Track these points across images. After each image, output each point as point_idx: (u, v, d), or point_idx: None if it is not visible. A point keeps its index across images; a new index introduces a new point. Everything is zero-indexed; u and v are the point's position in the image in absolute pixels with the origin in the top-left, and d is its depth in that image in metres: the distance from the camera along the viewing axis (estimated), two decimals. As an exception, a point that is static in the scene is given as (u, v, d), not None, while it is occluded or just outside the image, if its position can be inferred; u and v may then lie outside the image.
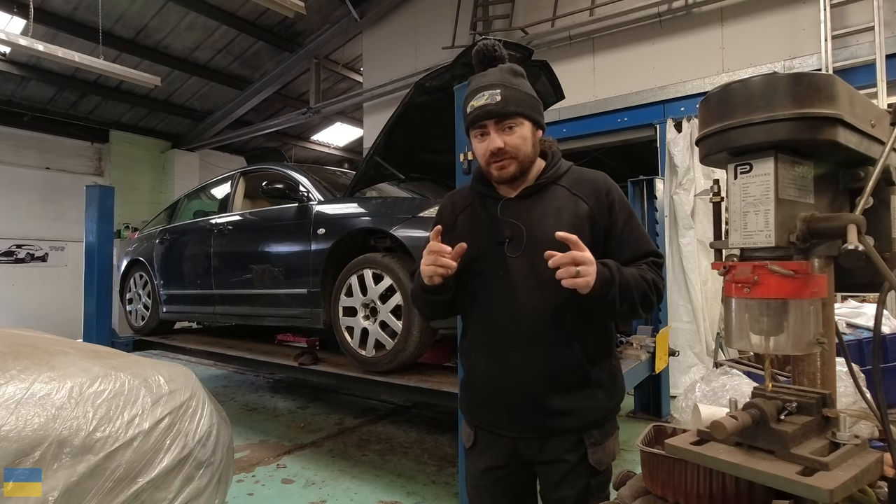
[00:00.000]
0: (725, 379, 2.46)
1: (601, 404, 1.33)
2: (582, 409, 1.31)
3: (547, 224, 1.29)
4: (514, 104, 1.27)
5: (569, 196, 1.33)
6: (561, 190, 1.34)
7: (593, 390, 1.32)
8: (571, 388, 1.30)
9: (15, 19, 6.27)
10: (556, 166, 1.37)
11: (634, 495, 0.99)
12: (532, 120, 1.31)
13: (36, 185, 8.92)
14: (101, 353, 2.05)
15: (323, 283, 3.21)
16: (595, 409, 1.32)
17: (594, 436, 1.31)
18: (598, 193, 1.33)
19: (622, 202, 1.35)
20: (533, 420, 1.32)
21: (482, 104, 1.27)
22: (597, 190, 1.34)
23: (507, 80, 1.29)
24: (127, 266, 5.23)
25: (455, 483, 2.94)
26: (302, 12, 4.78)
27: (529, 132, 1.30)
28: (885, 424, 0.77)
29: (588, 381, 1.31)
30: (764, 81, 0.83)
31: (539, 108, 1.35)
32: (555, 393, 1.29)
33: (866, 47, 4.13)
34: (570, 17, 5.46)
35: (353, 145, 11.36)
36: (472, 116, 1.30)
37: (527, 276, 1.29)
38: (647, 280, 1.27)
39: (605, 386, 1.34)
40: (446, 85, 2.64)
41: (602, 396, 1.33)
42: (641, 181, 4.28)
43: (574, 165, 1.41)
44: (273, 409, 4.75)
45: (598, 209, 1.32)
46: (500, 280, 1.32)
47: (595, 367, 1.32)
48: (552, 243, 1.20)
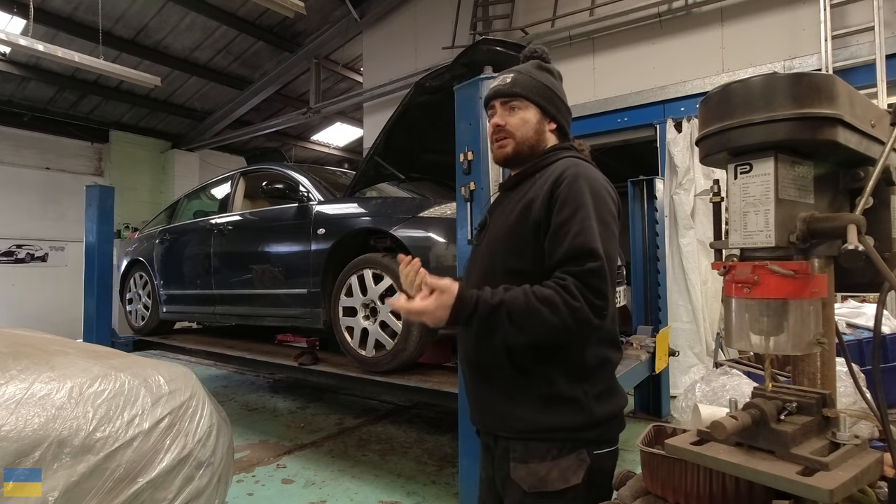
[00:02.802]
0: (725, 379, 2.46)
1: (525, 415, 1.20)
2: (499, 411, 1.25)
3: (503, 216, 1.31)
4: (521, 87, 1.31)
5: (532, 188, 1.26)
6: (534, 181, 1.28)
7: (516, 395, 1.22)
8: (490, 384, 1.26)
9: (15, 19, 6.26)
10: (544, 157, 1.31)
11: (634, 495, 0.99)
12: (539, 106, 1.32)
13: (36, 185, 8.92)
14: (101, 353, 2.05)
15: (323, 283, 3.21)
16: (513, 418, 1.22)
17: (516, 449, 1.21)
18: (549, 183, 1.22)
19: (571, 194, 1.17)
20: (473, 411, 1.37)
21: (494, 85, 1.35)
22: (549, 179, 1.23)
23: (525, 69, 1.34)
24: (127, 266, 5.23)
25: (455, 483, 2.94)
26: (302, 12, 4.77)
27: (534, 117, 1.31)
28: (885, 424, 0.77)
29: (508, 383, 1.22)
30: (764, 81, 0.84)
31: (553, 100, 1.34)
32: (479, 384, 1.31)
33: (866, 47, 4.13)
34: (570, 17, 5.46)
35: (353, 145, 11.35)
36: (485, 98, 1.38)
37: (478, 265, 1.34)
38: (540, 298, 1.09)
39: (541, 399, 1.20)
40: (446, 85, 2.64)
41: (531, 407, 1.20)
42: (641, 181, 4.27)
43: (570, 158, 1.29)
44: (273, 409, 4.75)
45: (540, 200, 1.21)
46: (467, 269, 1.41)
47: (528, 374, 1.21)
48: (501, 236, 1.27)
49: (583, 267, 1.10)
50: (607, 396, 1.23)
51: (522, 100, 1.31)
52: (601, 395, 1.22)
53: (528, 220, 1.21)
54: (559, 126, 1.36)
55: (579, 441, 1.19)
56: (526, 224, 1.22)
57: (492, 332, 1.12)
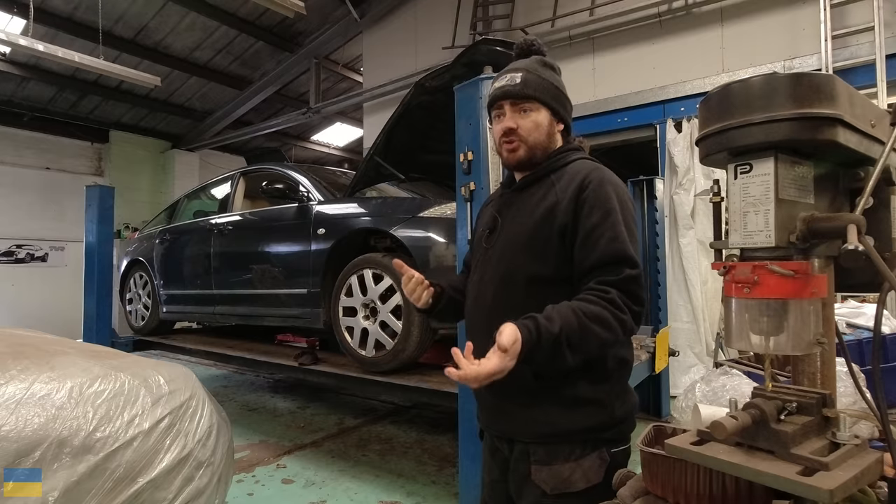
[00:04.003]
0: (725, 379, 2.46)
1: (547, 418, 1.19)
2: (517, 415, 1.23)
3: (519, 219, 1.27)
4: (533, 88, 1.25)
5: (552, 190, 1.23)
6: (550, 184, 1.25)
7: (536, 398, 1.20)
8: (508, 392, 1.20)
9: (15, 19, 6.27)
10: (556, 158, 1.28)
11: (634, 495, 0.99)
12: (551, 108, 1.27)
13: (36, 185, 8.92)
14: (101, 353, 2.05)
15: (323, 283, 3.21)
16: (534, 422, 1.20)
17: (537, 452, 1.20)
18: (573, 187, 1.19)
19: (599, 200, 1.16)
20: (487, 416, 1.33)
21: (501, 85, 1.27)
22: (573, 183, 1.20)
23: (532, 67, 1.28)
24: (127, 266, 5.23)
25: (455, 483, 2.94)
26: (302, 12, 4.77)
27: (546, 120, 1.27)
28: (885, 424, 0.77)
29: (527, 388, 1.19)
30: (764, 81, 0.83)
31: (562, 100, 1.30)
32: (494, 392, 1.23)
33: (866, 47, 4.13)
34: (570, 17, 5.46)
35: (353, 145, 11.36)
36: (491, 97, 1.29)
37: (492, 269, 1.29)
38: (591, 317, 1.07)
39: (563, 401, 1.19)
40: (446, 85, 2.64)
41: (553, 410, 1.19)
42: (641, 181, 4.28)
43: (585, 160, 1.28)
44: (273, 409, 4.75)
45: (565, 204, 1.18)
46: (476, 271, 1.35)
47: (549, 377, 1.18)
48: (521, 240, 1.23)
49: (621, 275, 1.11)
50: (625, 396, 1.25)
51: (534, 102, 1.25)
52: (620, 395, 1.23)
53: (553, 224, 1.18)
54: (566, 126, 1.33)
55: (600, 441, 1.19)
56: (549, 228, 1.19)
57: (551, 361, 1.07)
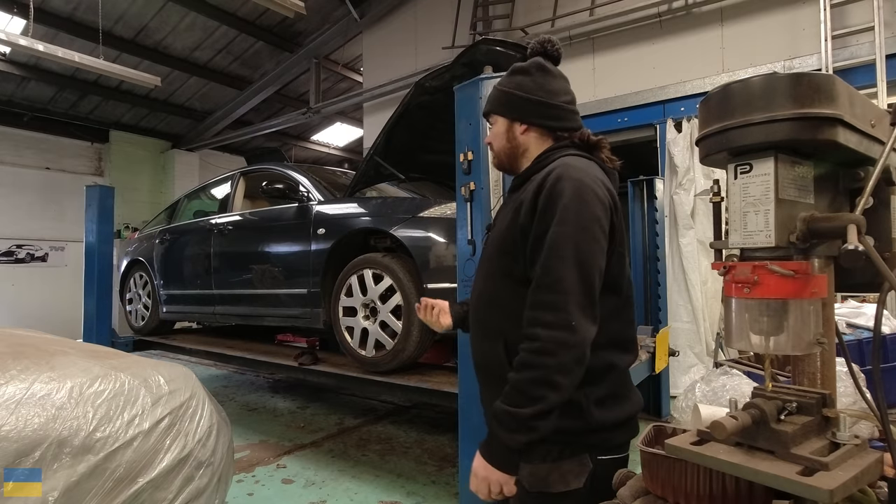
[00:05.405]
0: (725, 379, 2.46)
1: None
2: None
3: (499, 220, 1.35)
4: (489, 103, 1.39)
5: (525, 192, 1.23)
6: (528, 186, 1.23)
7: None
8: (494, 385, 1.21)
9: (15, 19, 6.27)
10: (541, 159, 1.28)
11: (634, 495, 0.99)
12: (504, 115, 1.34)
13: (36, 185, 8.92)
14: (101, 353, 2.04)
15: (323, 283, 3.21)
16: None
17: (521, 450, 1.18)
18: (533, 187, 1.19)
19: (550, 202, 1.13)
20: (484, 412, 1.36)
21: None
22: (534, 183, 1.20)
23: (500, 81, 1.38)
24: (127, 266, 5.23)
25: (455, 483, 2.94)
26: (302, 12, 4.78)
27: (503, 128, 1.34)
28: (885, 424, 0.77)
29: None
30: (764, 81, 0.84)
31: (515, 102, 1.30)
32: (483, 385, 1.33)
33: (866, 47, 4.13)
34: (570, 17, 5.46)
35: (353, 145, 11.35)
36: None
37: (480, 268, 1.38)
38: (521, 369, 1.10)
39: None
40: (446, 85, 2.64)
41: None
42: (641, 181, 4.28)
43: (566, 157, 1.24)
44: (273, 409, 4.75)
45: (526, 204, 1.18)
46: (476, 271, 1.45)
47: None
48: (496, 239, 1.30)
49: (537, 297, 1.11)
50: (612, 402, 1.19)
51: (492, 115, 1.37)
52: (604, 401, 1.17)
53: (517, 225, 1.20)
54: (533, 125, 1.30)
55: (580, 445, 1.16)
56: (515, 228, 1.21)
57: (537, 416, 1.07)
